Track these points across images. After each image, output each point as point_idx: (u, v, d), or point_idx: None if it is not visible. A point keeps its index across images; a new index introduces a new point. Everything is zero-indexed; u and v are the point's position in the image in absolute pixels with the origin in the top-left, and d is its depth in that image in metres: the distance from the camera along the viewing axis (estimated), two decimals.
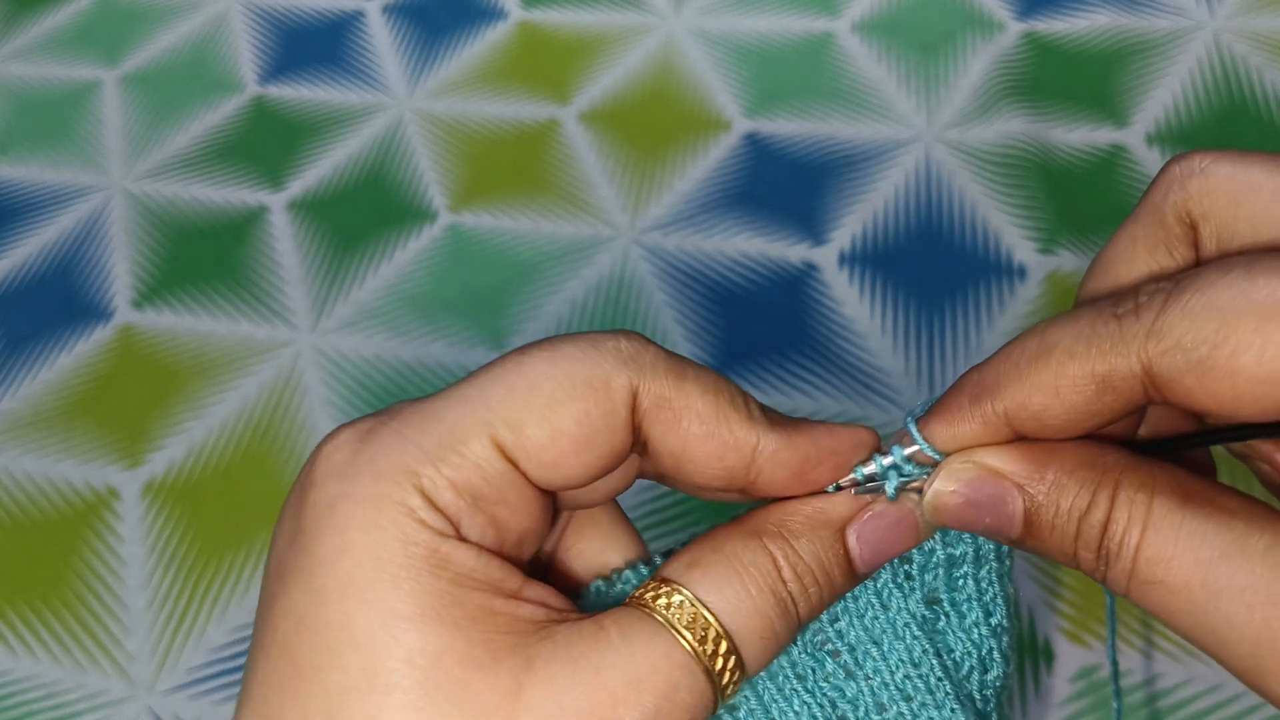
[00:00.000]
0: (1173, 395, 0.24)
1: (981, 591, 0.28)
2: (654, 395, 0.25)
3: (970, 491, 0.25)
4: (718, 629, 0.24)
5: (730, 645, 0.24)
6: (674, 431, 0.25)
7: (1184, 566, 0.23)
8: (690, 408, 0.25)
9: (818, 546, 0.25)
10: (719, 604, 0.24)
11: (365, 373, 0.59)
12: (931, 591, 0.28)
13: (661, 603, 0.24)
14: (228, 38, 0.82)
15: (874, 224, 0.62)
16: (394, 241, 0.65)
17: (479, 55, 0.77)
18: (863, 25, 0.75)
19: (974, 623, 0.28)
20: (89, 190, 0.71)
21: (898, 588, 0.27)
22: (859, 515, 0.26)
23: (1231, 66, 0.67)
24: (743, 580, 0.24)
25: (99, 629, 0.51)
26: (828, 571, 0.25)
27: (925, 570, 0.27)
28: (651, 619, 0.23)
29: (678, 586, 0.24)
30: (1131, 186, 0.62)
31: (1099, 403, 0.24)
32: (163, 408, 0.58)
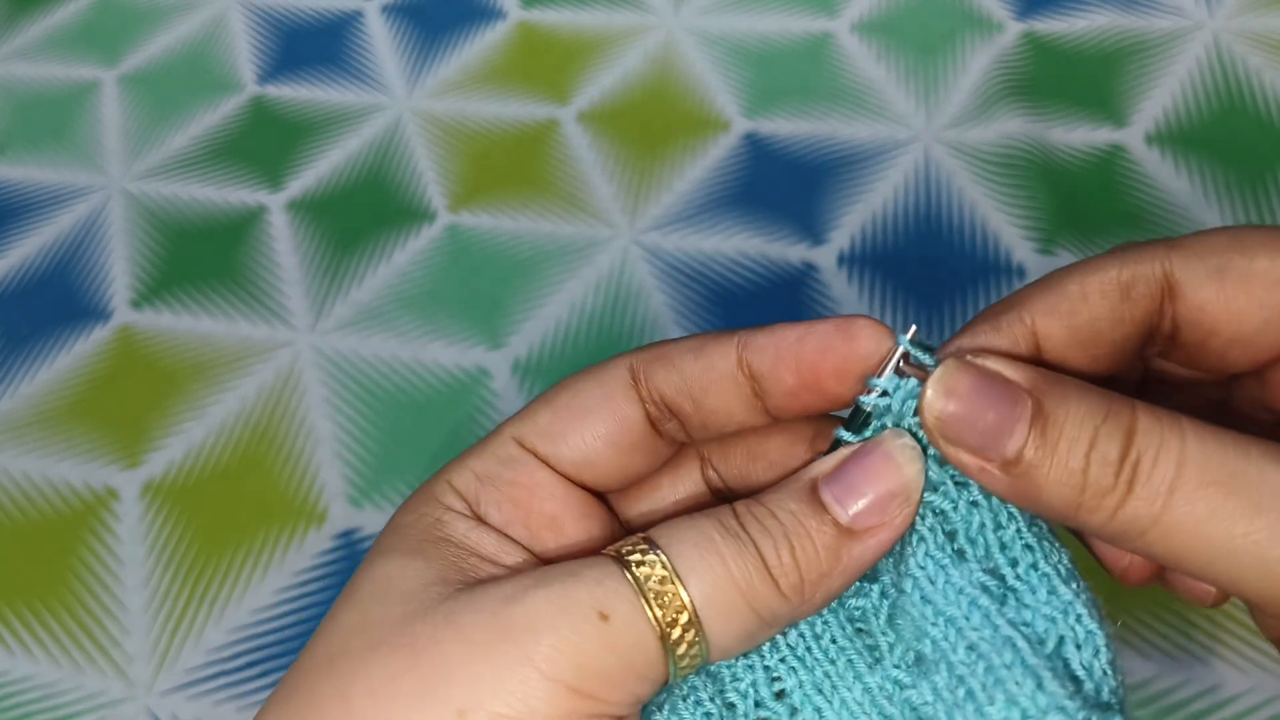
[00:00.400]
0: (1186, 308, 0.24)
1: (1044, 552, 0.24)
2: (647, 358, 0.28)
3: (974, 386, 0.23)
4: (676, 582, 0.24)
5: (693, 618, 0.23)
6: (669, 369, 0.27)
7: (1250, 473, 0.21)
8: (678, 346, 0.28)
9: (784, 495, 0.25)
10: (679, 556, 0.24)
11: (364, 373, 0.59)
12: (988, 563, 0.25)
13: (631, 553, 0.25)
14: (227, 38, 0.82)
15: (873, 224, 0.62)
16: (393, 241, 0.65)
17: (478, 55, 0.77)
18: (862, 25, 0.74)
19: (1049, 592, 0.24)
20: (87, 190, 0.71)
21: (947, 559, 0.25)
22: (832, 468, 0.25)
23: (1231, 67, 0.67)
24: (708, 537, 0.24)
25: (97, 629, 0.51)
26: (800, 521, 0.24)
27: (971, 541, 0.25)
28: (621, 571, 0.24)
29: (650, 542, 0.25)
30: (1131, 186, 0.62)
31: (1123, 309, 0.25)
32: (162, 408, 0.58)
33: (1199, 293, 0.24)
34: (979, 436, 0.23)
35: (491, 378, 0.58)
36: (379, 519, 0.53)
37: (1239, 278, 0.23)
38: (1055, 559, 0.24)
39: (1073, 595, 0.24)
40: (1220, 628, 0.44)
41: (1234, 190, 0.60)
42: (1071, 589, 0.24)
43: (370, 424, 0.56)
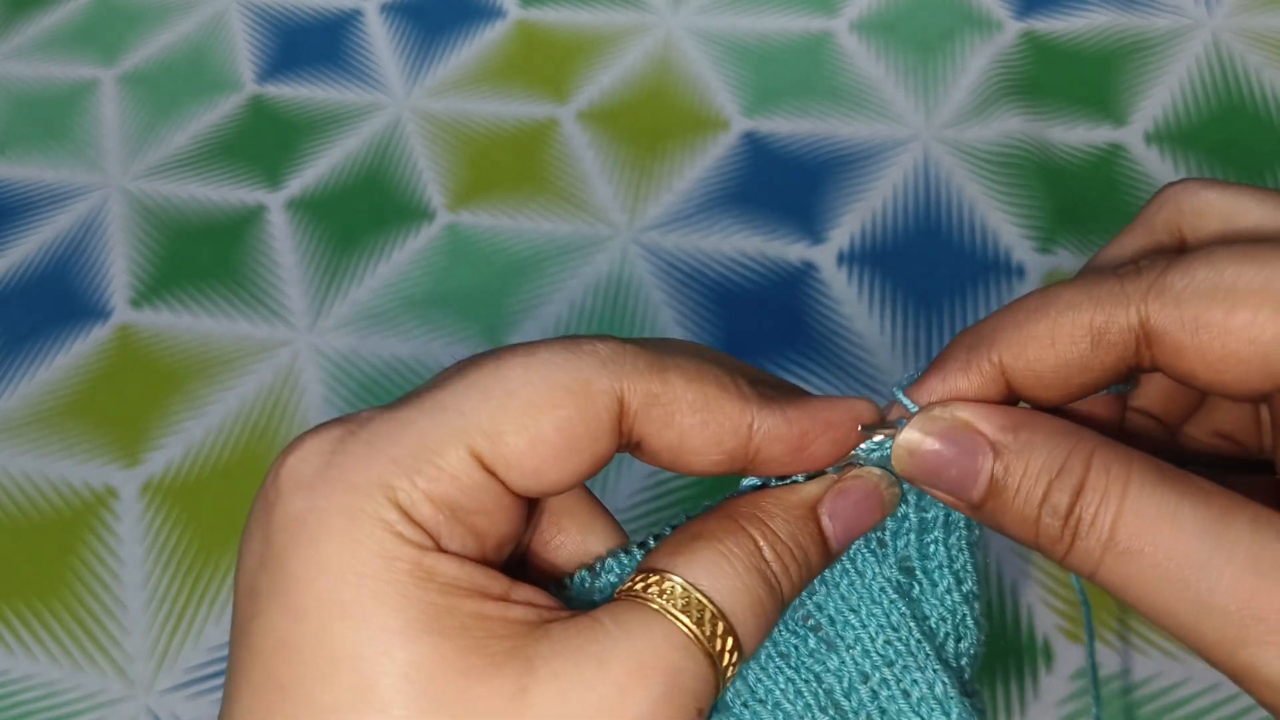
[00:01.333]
0: (1163, 354, 0.24)
1: (952, 559, 0.28)
2: (640, 394, 0.24)
3: (940, 441, 0.25)
4: (713, 610, 0.23)
5: (727, 625, 0.23)
6: (668, 427, 0.25)
7: (1167, 536, 0.22)
8: (679, 399, 0.24)
9: (793, 526, 0.26)
10: (710, 587, 0.24)
11: (363, 372, 0.59)
12: (904, 559, 0.28)
13: (654, 591, 0.24)
14: (226, 37, 0.82)
15: (872, 223, 0.62)
16: (392, 241, 0.65)
17: (477, 54, 0.77)
18: (861, 24, 0.74)
19: (946, 590, 0.28)
20: (87, 189, 0.71)
21: (871, 554, 0.28)
22: (829, 493, 0.26)
23: (1230, 65, 0.67)
24: (729, 562, 0.24)
25: (97, 628, 0.51)
26: (804, 549, 0.26)
27: (897, 536, 0.28)
28: (647, 607, 0.23)
29: (667, 574, 0.24)
30: (1130, 185, 0.62)
31: (1093, 357, 0.25)
32: (161, 407, 0.58)
33: (1175, 344, 0.24)
34: (947, 484, 0.25)
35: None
36: None
37: (1217, 332, 0.23)
38: (959, 565, 0.28)
39: (961, 599, 0.28)
40: None
41: None
42: (961, 590, 0.28)
43: None
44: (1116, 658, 0.45)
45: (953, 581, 0.28)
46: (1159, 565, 0.22)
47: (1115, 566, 0.23)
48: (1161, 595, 0.22)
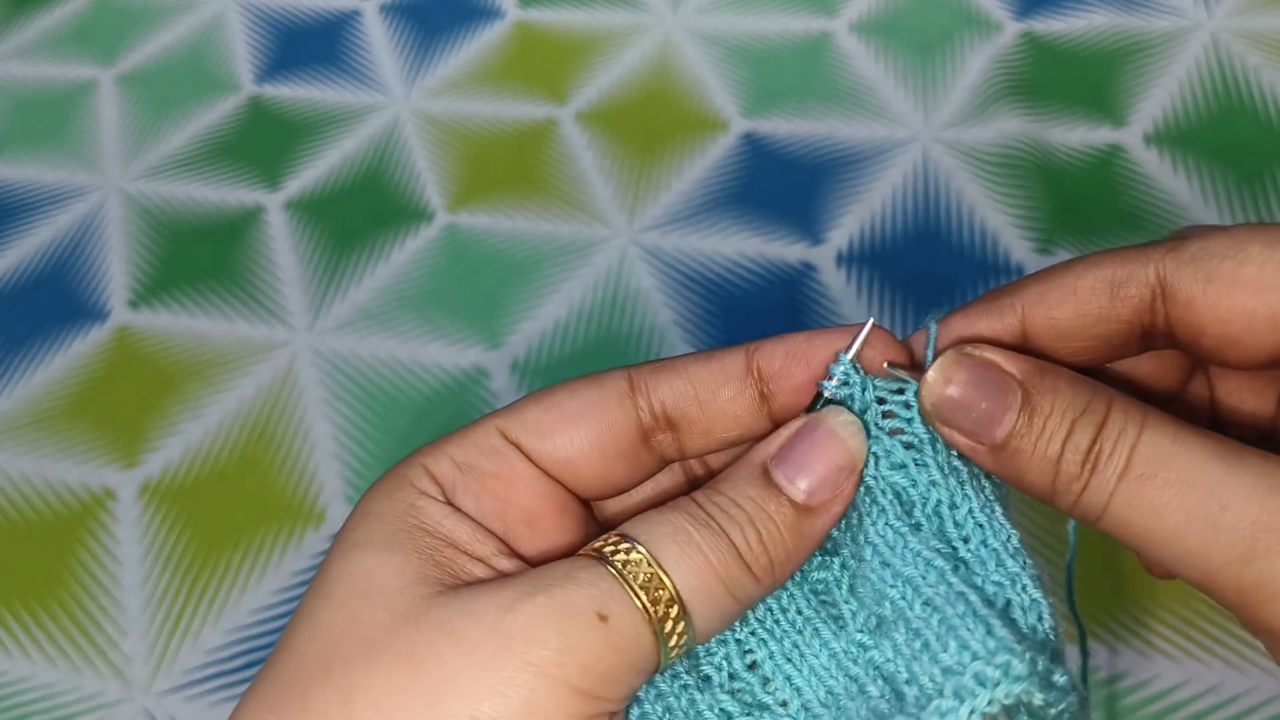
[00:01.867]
0: (1175, 307, 0.25)
1: (992, 529, 0.27)
2: (648, 369, 0.28)
3: (969, 376, 0.26)
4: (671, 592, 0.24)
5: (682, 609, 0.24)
6: (676, 376, 0.28)
7: (1180, 461, 0.23)
8: (684, 358, 0.28)
9: (748, 488, 0.26)
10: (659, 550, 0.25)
11: (362, 373, 0.59)
12: (942, 536, 0.27)
13: (612, 552, 0.25)
14: (224, 37, 0.81)
15: (871, 224, 0.62)
16: (391, 241, 0.65)
17: (476, 55, 0.77)
18: (860, 25, 0.74)
19: (996, 565, 0.26)
20: (85, 190, 0.71)
21: (906, 530, 0.26)
22: (773, 446, 0.27)
23: (1229, 67, 0.67)
24: (677, 527, 0.25)
25: (95, 630, 0.51)
26: (761, 505, 0.26)
27: (929, 518, 0.27)
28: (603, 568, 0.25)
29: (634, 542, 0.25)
30: (1129, 186, 0.62)
31: (1110, 309, 0.26)
32: (159, 408, 0.58)
33: (1188, 295, 0.25)
34: (972, 422, 0.25)
35: (490, 378, 0.58)
36: None
37: (1226, 282, 0.25)
38: (1004, 537, 0.26)
39: (1019, 568, 0.26)
40: (1220, 628, 0.44)
41: (1232, 190, 0.60)
42: (1018, 563, 0.26)
43: (369, 424, 0.56)
44: (1116, 660, 0.44)
45: (1001, 548, 0.26)
46: (1171, 487, 0.23)
47: (1128, 495, 0.23)
48: (1172, 520, 0.23)
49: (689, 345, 0.57)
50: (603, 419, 0.27)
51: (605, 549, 0.25)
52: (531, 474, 0.28)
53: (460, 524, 0.26)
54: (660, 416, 0.28)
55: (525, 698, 0.22)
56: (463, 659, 0.23)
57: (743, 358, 0.28)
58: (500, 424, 0.28)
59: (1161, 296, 0.26)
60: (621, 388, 0.28)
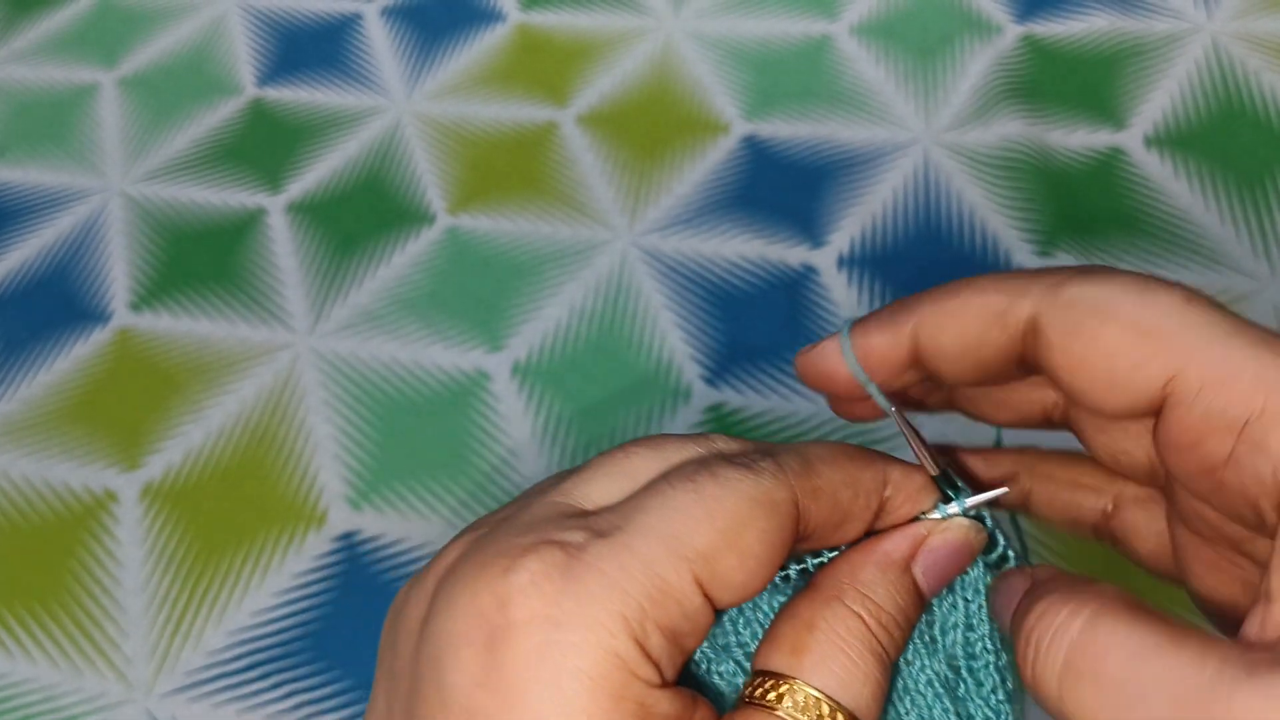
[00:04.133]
0: (1040, 346, 0.26)
1: (998, 656, 0.28)
2: (806, 490, 0.26)
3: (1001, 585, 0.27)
4: (845, 715, 0.24)
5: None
6: (833, 508, 0.26)
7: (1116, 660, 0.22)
8: (832, 483, 0.26)
9: (894, 591, 0.26)
10: (834, 686, 0.24)
11: (363, 375, 0.59)
12: (952, 657, 0.28)
13: (787, 704, 0.24)
14: (226, 40, 0.82)
15: (872, 226, 0.62)
16: (392, 244, 0.65)
17: (477, 58, 0.77)
18: (861, 28, 0.75)
19: (991, 689, 0.27)
20: (87, 193, 0.71)
21: (923, 647, 0.28)
22: (919, 548, 0.27)
23: (1229, 69, 0.67)
24: (847, 654, 0.25)
25: (97, 632, 0.51)
26: (906, 611, 0.26)
27: (945, 632, 0.28)
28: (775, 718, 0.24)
29: (792, 680, 0.24)
30: (1130, 189, 0.62)
31: (988, 335, 0.27)
32: (161, 410, 0.58)
33: (1053, 340, 0.26)
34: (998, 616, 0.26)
35: (491, 380, 0.58)
36: (378, 521, 0.53)
37: (1087, 340, 0.25)
38: (1003, 663, 0.28)
39: (1005, 697, 0.27)
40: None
41: (1232, 192, 0.61)
42: (1006, 689, 0.28)
43: (370, 426, 0.56)
44: None
45: (998, 680, 0.28)
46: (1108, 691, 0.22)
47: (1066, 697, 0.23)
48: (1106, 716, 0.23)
49: (690, 348, 0.57)
50: (780, 555, 0.25)
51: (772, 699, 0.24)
52: (710, 619, 0.24)
53: (683, 707, 0.23)
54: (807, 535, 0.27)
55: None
56: None
57: (881, 487, 0.28)
58: (700, 575, 0.23)
59: (1032, 332, 0.26)
60: (794, 515, 0.25)
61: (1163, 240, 0.59)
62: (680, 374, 0.56)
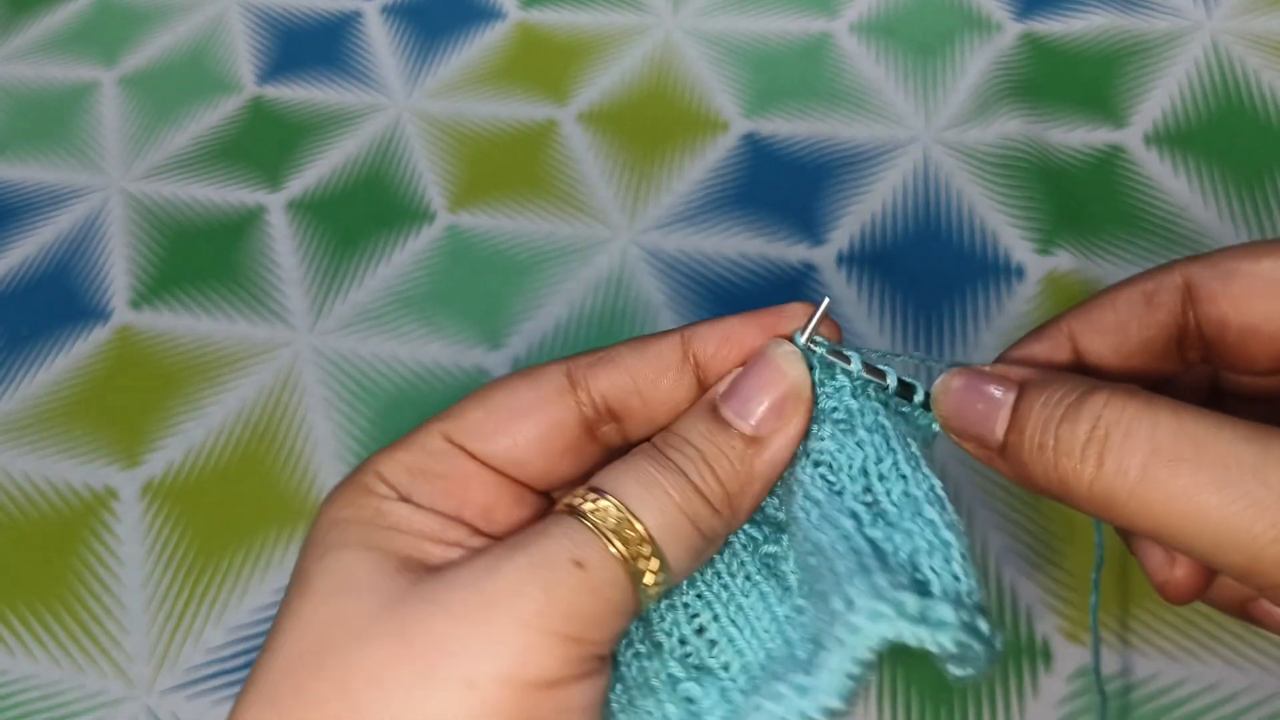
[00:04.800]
0: (1200, 303, 0.27)
1: (916, 482, 0.27)
2: (584, 363, 0.29)
3: (966, 380, 0.27)
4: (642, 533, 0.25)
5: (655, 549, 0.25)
6: (613, 369, 0.29)
7: (1210, 443, 0.22)
8: (618, 349, 0.29)
9: (693, 421, 0.28)
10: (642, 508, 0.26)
11: (363, 373, 0.59)
12: (865, 495, 0.28)
13: (589, 507, 0.26)
14: (226, 38, 0.82)
15: (872, 224, 0.62)
16: (392, 242, 0.65)
17: (477, 56, 0.77)
18: (861, 26, 0.75)
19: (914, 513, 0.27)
20: (87, 190, 0.71)
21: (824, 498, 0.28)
22: (726, 388, 0.28)
23: (1229, 67, 0.67)
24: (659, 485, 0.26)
25: (97, 629, 0.51)
26: (712, 440, 0.27)
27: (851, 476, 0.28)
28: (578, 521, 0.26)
29: (603, 493, 0.26)
30: (1130, 187, 0.62)
31: (1147, 314, 0.28)
32: (161, 408, 0.58)
33: (1210, 292, 0.27)
34: (973, 427, 0.27)
35: (491, 378, 0.58)
36: None
37: (1244, 279, 0.27)
38: (925, 486, 0.27)
39: (935, 514, 0.27)
40: (1219, 626, 0.45)
41: (1232, 191, 0.61)
42: (935, 509, 0.27)
43: (370, 424, 0.57)
44: (1115, 658, 0.45)
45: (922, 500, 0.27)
46: (1205, 469, 0.22)
47: (1157, 480, 0.23)
48: (1209, 501, 0.22)
49: None
50: (544, 417, 0.28)
51: (575, 502, 0.26)
52: (481, 471, 0.28)
53: (428, 518, 0.27)
54: (602, 409, 0.29)
55: (517, 651, 0.23)
56: (451, 624, 0.24)
57: (679, 345, 0.29)
58: (442, 428, 0.28)
59: (1189, 297, 0.28)
60: (561, 384, 0.29)
61: (1162, 238, 0.59)
62: None
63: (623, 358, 0.29)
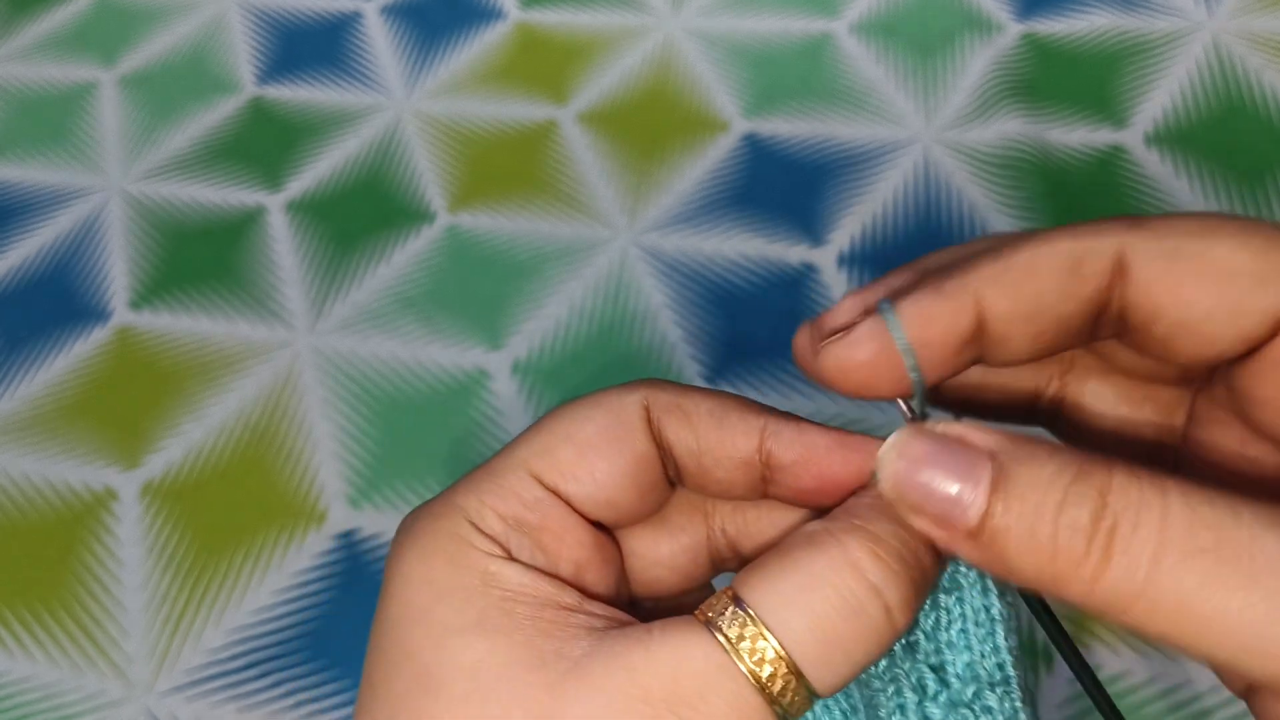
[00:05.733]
0: (1134, 287, 0.23)
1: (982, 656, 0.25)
2: (663, 403, 0.26)
3: (928, 451, 0.22)
4: (787, 662, 0.22)
5: (795, 672, 0.22)
6: (686, 427, 0.26)
7: (1232, 534, 0.19)
8: (698, 405, 0.26)
9: (894, 523, 0.23)
10: (779, 620, 0.22)
11: (364, 373, 0.59)
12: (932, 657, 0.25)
13: (732, 627, 0.22)
14: (225, 38, 0.82)
15: (873, 225, 0.62)
16: (392, 242, 0.65)
17: (477, 56, 0.77)
18: (861, 26, 0.75)
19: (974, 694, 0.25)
20: (86, 191, 0.71)
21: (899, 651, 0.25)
22: None
23: (1230, 67, 0.67)
24: (819, 593, 0.22)
25: (97, 630, 0.51)
26: (914, 552, 0.23)
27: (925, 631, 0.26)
28: (705, 631, 0.22)
29: (748, 610, 0.23)
30: (1130, 187, 0.62)
31: (1070, 285, 0.23)
32: (161, 409, 0.58)
33: (1149, 273, 0.23)
34: (939, 504, 0.21)
35: (491, 379, 0.58)
36: (378, 520, 0.53)
37: (1192, 261, 0.22)
38: (991, 663, 0.25)
39: (995, 701, 0.24)
40: None
41: (1233, 191, 0.60)
42: (996, 695, 0.24)
43: (370, 425, 0.56)
44: (1116, 660, 0.44)
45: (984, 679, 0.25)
46: (1227, 563, 0.19)
47: (1174, 582, 0.19)
48: (1233, 603, 0.19)
49: (689, 346, 0.57)
50: (632, 451, 0.26)
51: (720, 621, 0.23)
52: (576, 523, 0.26)
53: (539, 582, 0.24)
54: (669, 454, 0.26)
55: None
56: None
57: (756, 438, 0.25)
58: (535, 468, 0.25)
59: (1120, 274, 0.23)
60: (641, 415, 0.26)
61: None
62: (680, 372, 0.56)
63: (700, 419, 0.26)
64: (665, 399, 0.26)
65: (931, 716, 0.24)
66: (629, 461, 0.25)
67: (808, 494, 0.26)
